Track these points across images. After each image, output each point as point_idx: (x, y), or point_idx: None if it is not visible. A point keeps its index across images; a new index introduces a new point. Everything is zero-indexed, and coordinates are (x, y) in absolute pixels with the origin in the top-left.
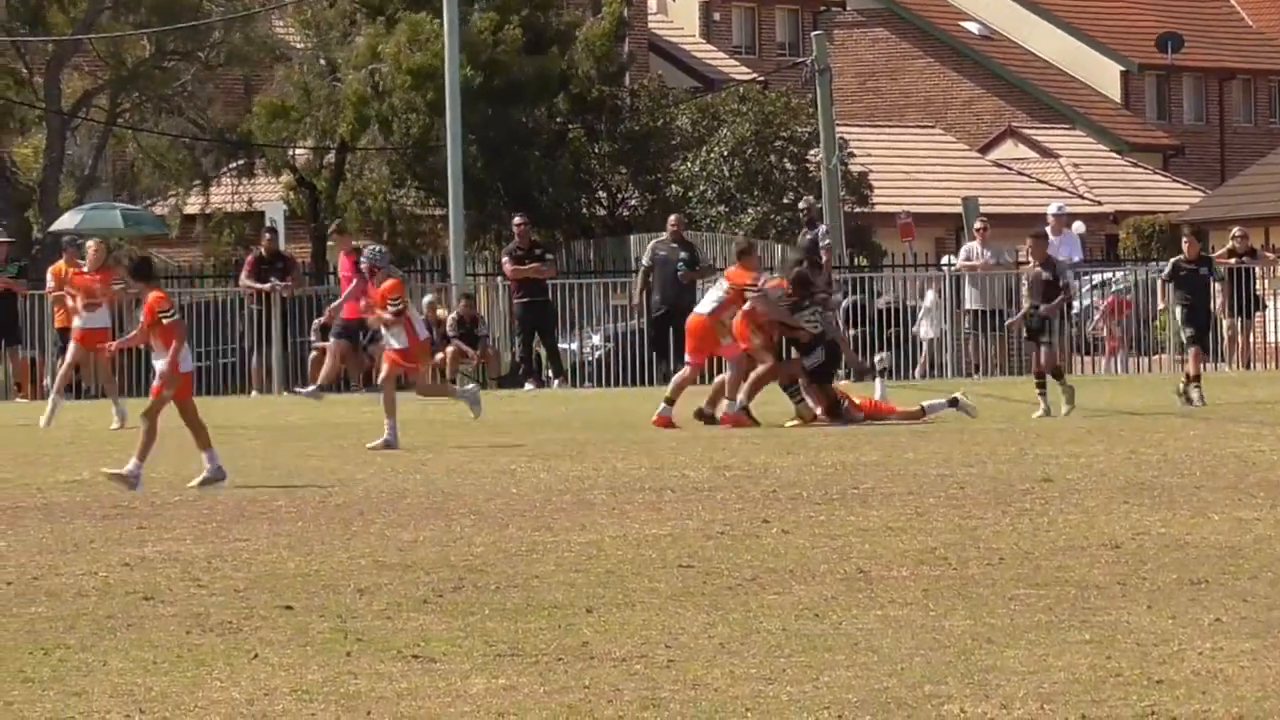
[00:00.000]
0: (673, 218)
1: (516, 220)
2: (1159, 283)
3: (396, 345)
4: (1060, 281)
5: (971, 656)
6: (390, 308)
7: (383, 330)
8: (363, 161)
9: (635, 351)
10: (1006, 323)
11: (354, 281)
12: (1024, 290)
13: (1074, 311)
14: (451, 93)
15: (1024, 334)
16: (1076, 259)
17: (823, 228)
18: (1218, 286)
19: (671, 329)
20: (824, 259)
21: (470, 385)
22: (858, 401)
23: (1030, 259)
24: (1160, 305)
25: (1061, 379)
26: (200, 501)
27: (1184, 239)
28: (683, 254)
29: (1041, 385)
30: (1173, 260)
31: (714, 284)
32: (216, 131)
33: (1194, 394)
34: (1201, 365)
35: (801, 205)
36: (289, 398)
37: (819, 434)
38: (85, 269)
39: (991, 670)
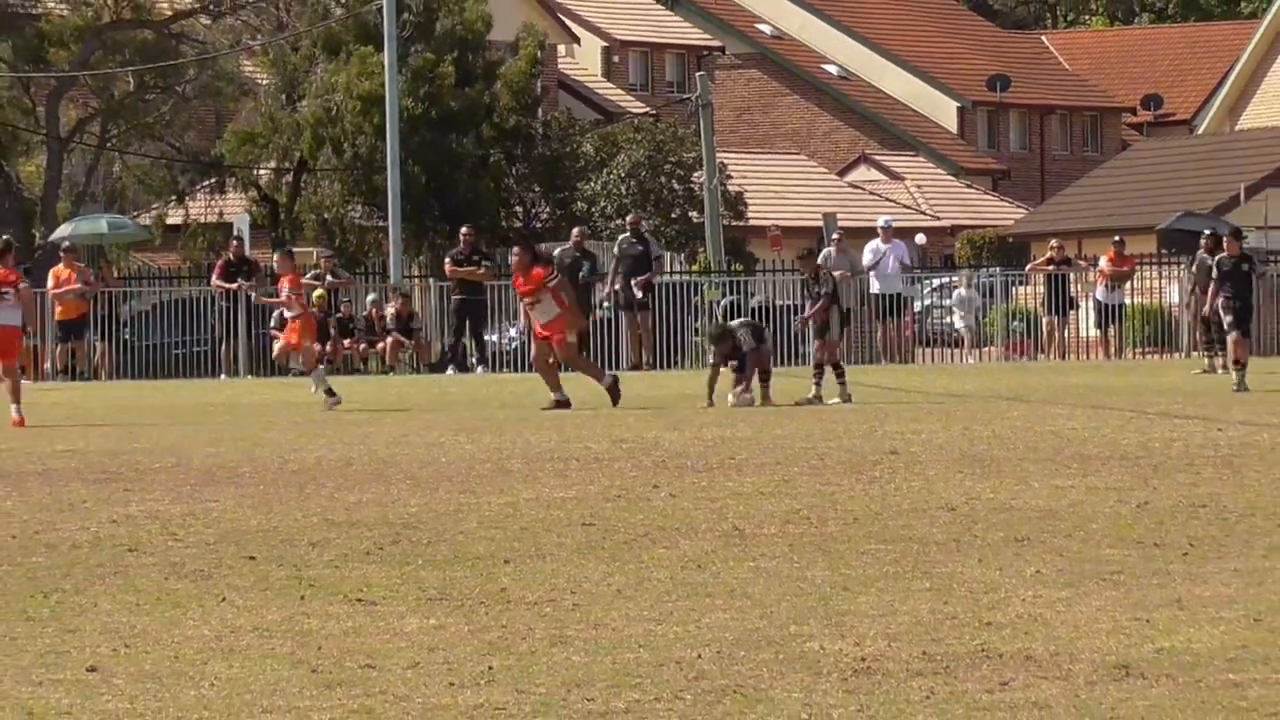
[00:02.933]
0: (576, 230)
1: (464, 230)
2: (995, 284)
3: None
4: (823, 289)
5: (830, 602)
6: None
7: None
8: (317, 180)
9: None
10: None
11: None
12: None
13: (916, 308)
14: (391, 121)
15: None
16: (907, 262)
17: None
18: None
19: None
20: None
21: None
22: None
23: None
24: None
25: (840, 371)
26: (176, 468)
27: (1225, 240)
28: (585, 261)
29: (819, 373)
30: (1217, 258)
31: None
32: (192, 154)
33: (1239, 377)
34: (1246, 351)
35: (629, 218)
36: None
37: (701, 412)
38: None
39: (846, 613)
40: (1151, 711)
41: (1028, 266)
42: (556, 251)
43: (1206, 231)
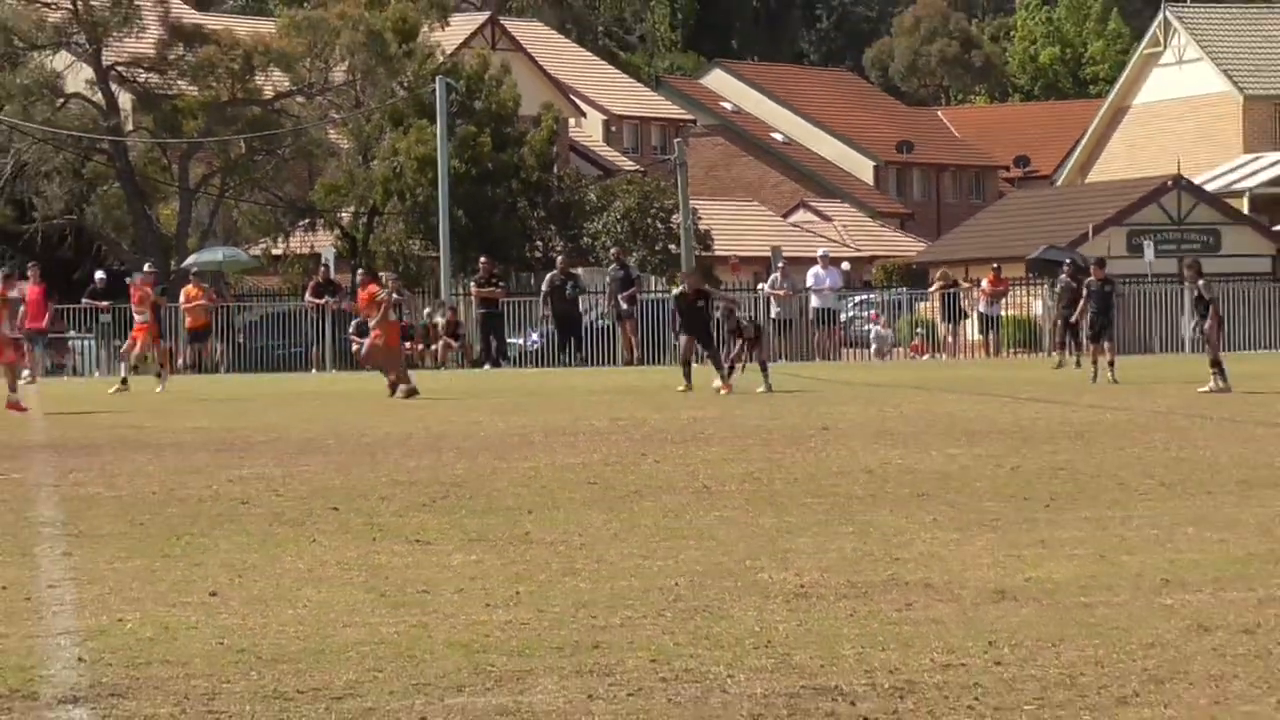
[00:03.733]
0: (560, 258)
1: (482, 260)
2: (902, 301)
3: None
4: (715, 303)
5: (776, 542)
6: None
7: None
8: (386, 221)
9: (555, 345)
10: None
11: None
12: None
13: (842, 319)
14: (442, 177)
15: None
16: (838, 284)
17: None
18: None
19: (562, 330)
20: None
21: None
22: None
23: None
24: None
25: (764, 369)
26: (278, 440)
27: (1093, 267)
28: (569, 280)
29: (731, 369)
30: (1086, 281)
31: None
32: (289, 201)
33: (1112, 373)
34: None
35: (613, 251)
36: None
37: (678, 396)
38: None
39: (789, 551)
40: (1022, 626)
41: (933, 288)
42: (548, 276)
43: (1067, 261)
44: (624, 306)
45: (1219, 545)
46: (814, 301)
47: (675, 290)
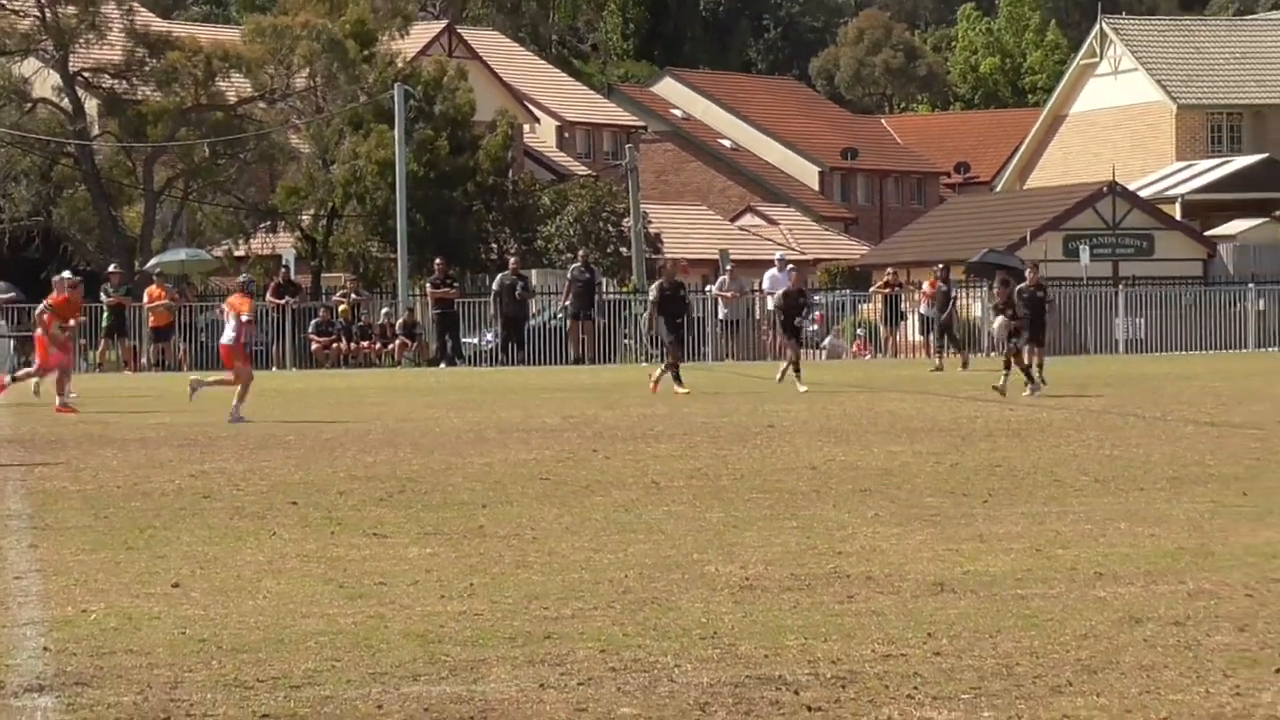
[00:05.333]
0: (511, 260)
1: (437, 261)
2: (846, 302)
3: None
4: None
5: (723, 536)
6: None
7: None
8: (345, 224)
9: (509, 344)
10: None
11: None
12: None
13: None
14: (400, 180)
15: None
16: (789, 287)
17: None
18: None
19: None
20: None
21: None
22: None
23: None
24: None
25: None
26: (239, 436)
27: (1027, 272)
28: (520, 281)
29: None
30: (1018, 286)
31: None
32: (251, 204)
33: (1037, 376)
34: (1041, 357)
35: (580, 253)
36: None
37: (629, 395)
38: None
39: (735, 545)
40: (960, 618)
41: (871, 289)
42: (499, 276)
43: (1026, 268)
44: (586, 309)
45: (1150, 540)
46: (770, 303)
47: (656, 283)
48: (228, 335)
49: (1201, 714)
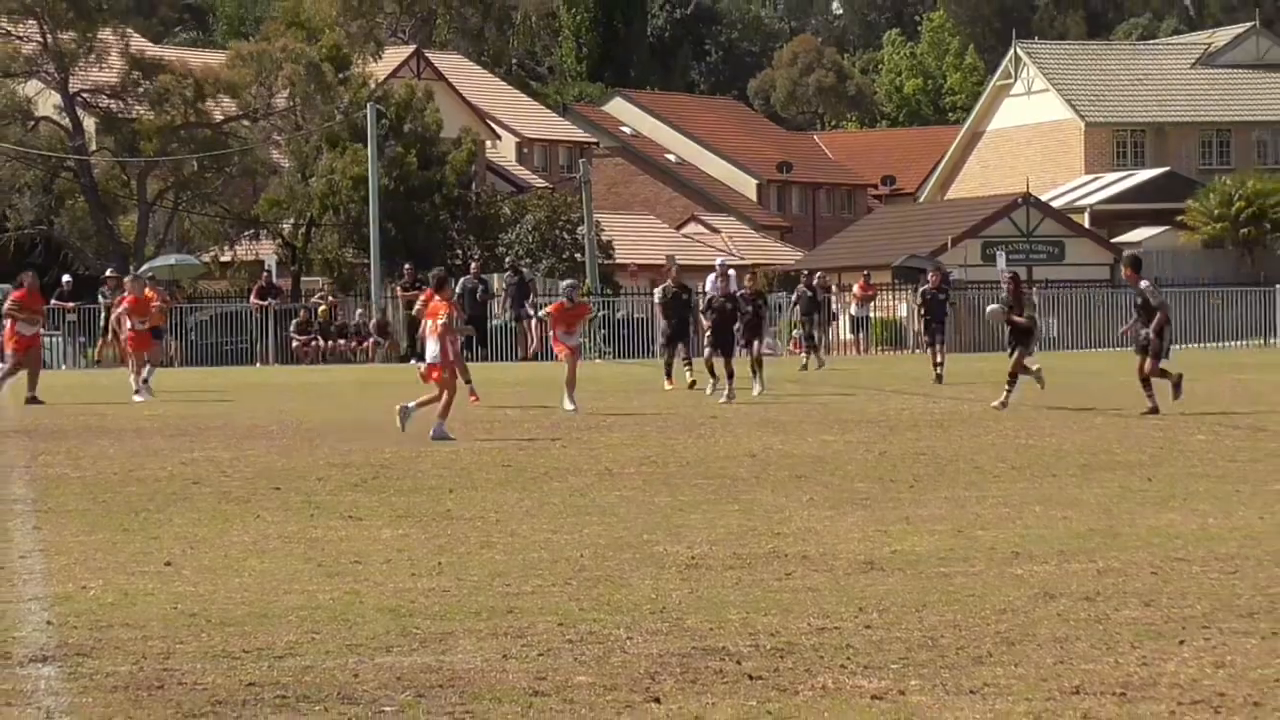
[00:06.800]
0: (473, 265)
1: (407, 266)
2: (783, 303)
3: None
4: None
5: (670, 519)
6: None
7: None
8: (323, 232)
9: (471, 342)
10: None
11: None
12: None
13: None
14: (373, 193)
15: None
16: (734, 289)
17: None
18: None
19: (476, 332)
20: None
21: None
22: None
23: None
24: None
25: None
26: (226, 427)
27: (930, 274)
28: (481, 285)
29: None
30: (922, 288)
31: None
32: (236, 214)
33: (939, 372)
34: (944, 356)
35: (508, 261)
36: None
37: (581, 387)
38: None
39: (682, 526)
40: (889, 594)
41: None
42: (461, 279)
43: (929, 271)
44: (526, 310)
45: (1063, 522)
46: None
47: (661, 286)
48: (431, 352)
49: (1111, 682)
